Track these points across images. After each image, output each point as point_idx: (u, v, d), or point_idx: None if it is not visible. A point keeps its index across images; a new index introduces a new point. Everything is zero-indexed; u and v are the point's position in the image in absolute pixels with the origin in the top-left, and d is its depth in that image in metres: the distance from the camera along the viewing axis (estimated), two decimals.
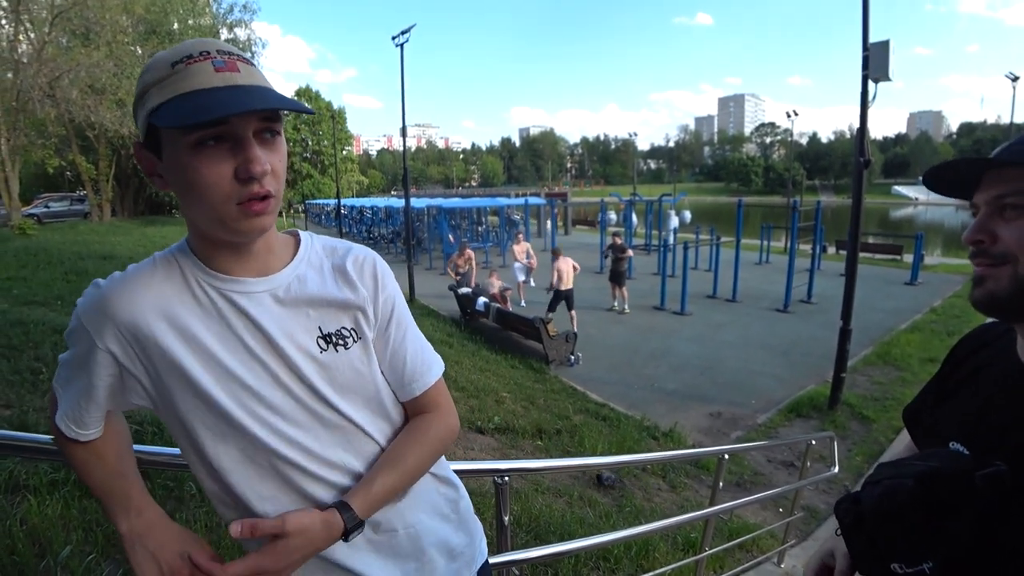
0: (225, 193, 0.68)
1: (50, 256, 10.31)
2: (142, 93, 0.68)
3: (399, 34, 12.29)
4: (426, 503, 0.93)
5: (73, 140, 19.68)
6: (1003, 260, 0.67)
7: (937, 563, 0.65)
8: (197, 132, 0.66)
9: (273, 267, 0.81)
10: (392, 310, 0.88)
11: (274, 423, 0.78)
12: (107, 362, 0.76)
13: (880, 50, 6.81)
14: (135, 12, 19.16)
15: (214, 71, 0.67)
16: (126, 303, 0.74)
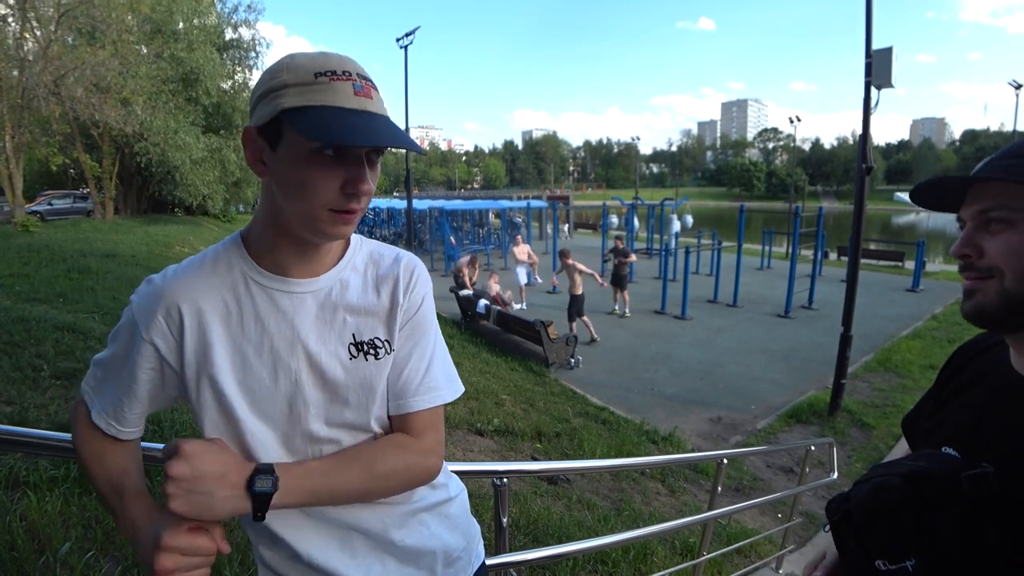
0: (328, 200, 0.73)
1: (53, 253, 10.33)
2: (278, 87, 0.71)
3: (403, 36, 12.35)
4: (419, 507, 0.93)
5: (77, 138, 19.71)
6: (989, 274, 0.68)
7: (920, 561, 0.66)
8: (320, 142, 0.70)
9: (323, 268, 0.84)
10: (413, 317, 0.87)
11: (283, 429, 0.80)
12: (149, 355, 0.79)
13: (883, 57, 6.83)
14: (140, 11, 19.21)
15: (353, 94, 0.72)
16: (174, 294, 0.78)
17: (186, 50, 20.55)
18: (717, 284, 13.25)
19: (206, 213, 25.71)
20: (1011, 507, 0.62)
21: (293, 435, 0.81)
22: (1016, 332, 0.71)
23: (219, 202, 22.94)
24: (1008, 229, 0.67)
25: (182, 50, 20.43)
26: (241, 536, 2.20)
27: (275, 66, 0.74)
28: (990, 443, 0.69)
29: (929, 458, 0.71)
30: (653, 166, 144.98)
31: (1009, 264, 0.66)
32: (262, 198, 0.80)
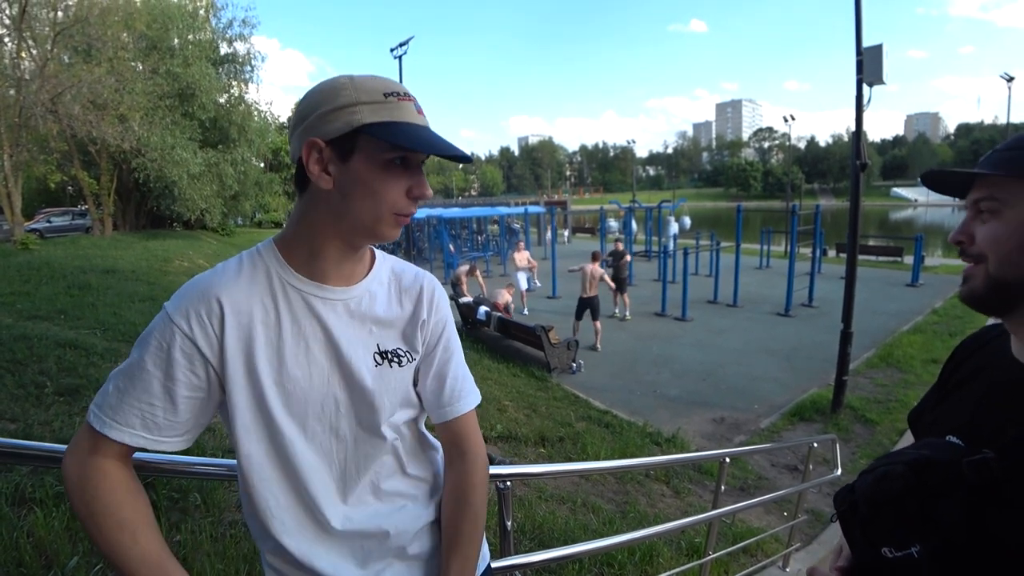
0: (394, 203, 0.82)
1: (53, 271, 10.34)
2: (349, 104, 0.77)
3: (398, 46, 12.42)
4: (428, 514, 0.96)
5: (75, 155, 19.76)
6: (979, 259, 0.73)
7: (925, 547, 0.67)
8: (394, 153, 0.79)
9: (355, 278, 0.90)
10: (442, 333, 0.96)
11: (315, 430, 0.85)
12: (189, 351, 0.79)
13: (874, 54, 6.88)
14: (136, 28, 19.31)
15: (416, 112, 0.82)
16: (216, 291, 0.81)
17: (182, 66, 20.64)
18: (716, 285, 13.27)
19: (204, 227, 25.73)
20: (1011, 495, 0.63)
21: (321, 433, 0.86)
22: (1008, 315, 0.74)
23: (217, 216, 22.96)
24: (993, 218, 0.71)
25: (178, 66, 20.51)
26: (248, 546, 2.20)
27: (333, 86, 0.79)
28: (991, 432, 0.70)
29: (932, 446, 0.73)
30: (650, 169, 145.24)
31: (992, 250, 0.70)
32: (306, 207, 0.84)
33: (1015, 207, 0.69)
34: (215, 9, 24.62)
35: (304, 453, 0.84)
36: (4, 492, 2.35)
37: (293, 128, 0.83)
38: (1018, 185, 0.69)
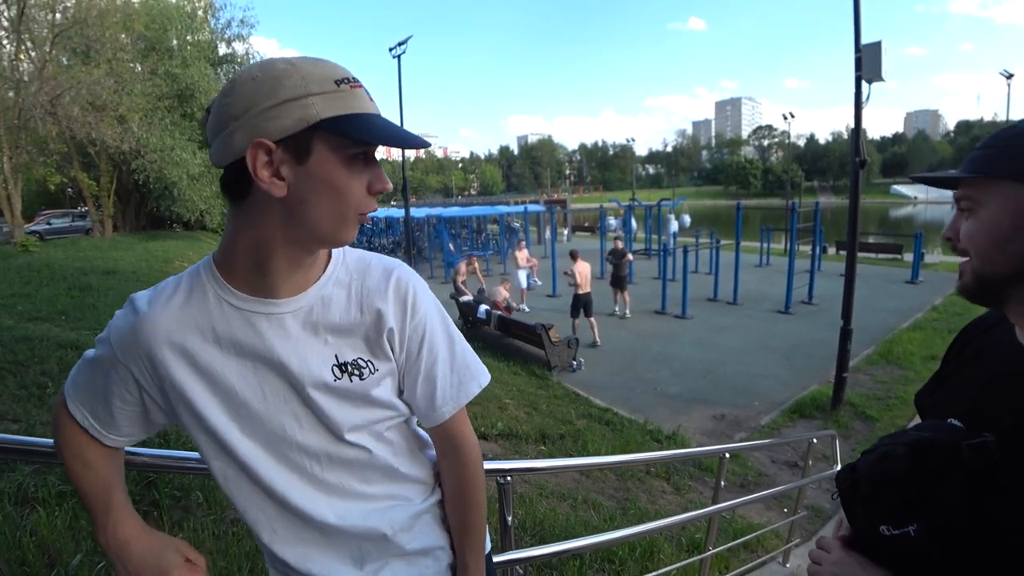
0: (358, 202, 0.74)
1: (53, 272, 10.35)
2: (300, 96, 0.68)
3: (396, 45, 12.42)
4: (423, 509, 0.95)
5: (75, 157, 19.79)
6: (966, 255, 0.75)
7: (922, 526, 0.68)
8: (356, 148, 0.72)
9: (306, 284, 0.81)
10: (423, 337, 0.86)
11: (279, 449, 0.81)
12: (130, 381, 0.80)
13: (872, 51, 6.88)
14: (134, 29, 19.31)
15: (368, 99, 0.74)
16: (145, 333, 0.76)
17: (180, 67, 20.66)
18: (716, 282, 13.28)
19: (204, 228, 25.75)
20: (1009, 480, 0.65)
21: (289, 450, 0.82)
22: (1004, 305, 0.76)
23: (217, 216, 22.97)
24: (970, 216, 0.74)
25: (177, 67, 20.53)
26: (250, 544, 2.21)
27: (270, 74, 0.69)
28: (992, 416, 0.71)
29: (933, 428, 0.75)
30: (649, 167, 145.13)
31: (971, 246, 0.73)
32: (248, 218, 0.74)
33: (986, 205, 0.71)
34: (213, 9, 24.65)
35: (275, 470, 0.81)
36: (7, 492, 2.36)
37: (218, 128, 0.70)
38: (987, 184, 0.71)
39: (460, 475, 0.94)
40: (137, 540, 0.82)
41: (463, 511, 0.95)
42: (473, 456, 0.95)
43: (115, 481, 0.86)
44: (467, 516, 0.95)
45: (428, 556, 0.94)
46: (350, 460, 0.85)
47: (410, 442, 0.94)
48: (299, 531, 0.84)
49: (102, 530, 0.82)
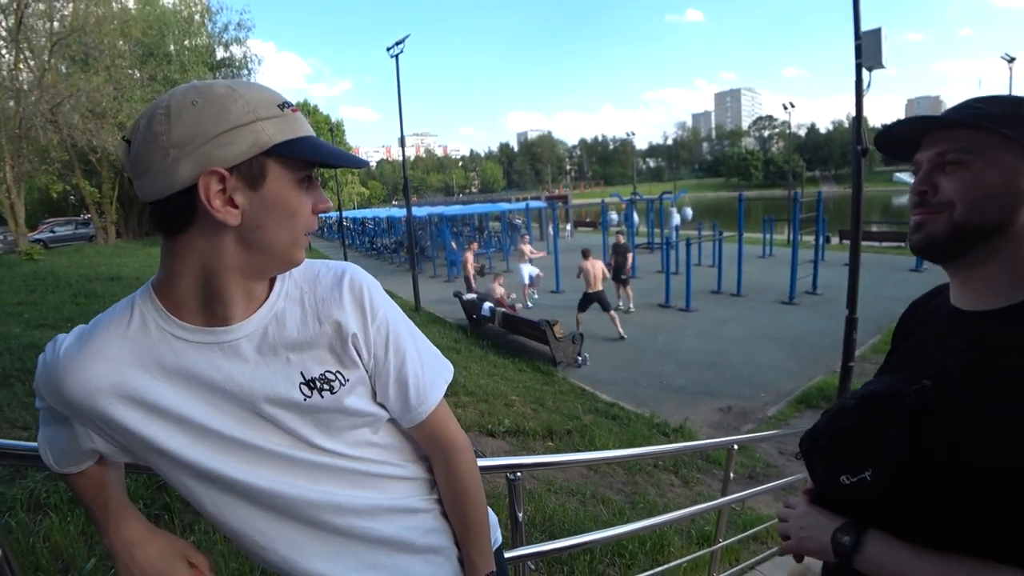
0: (307, 224, 0.75)
1: (58, 280, 10.41)
2: (248, 122, 0.67)
3: (393, 45, 12.39)
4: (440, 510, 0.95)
5: (76, 164, 19.90)
6: (941, 208, 0.78)
7: (876, 470, 0.75)
8: (304, 171, 0.73)
9: (256, 304, 0.78)
10: (387, 337, 0.83)
11: (265, 470, 0.78)
12: (82, 431, 0.77)
13: (872, 38, 6.84)
14: (132, 35, 19.41)
15: (306, 121, 0.74)
16: (79, 385, 0.71)
17: (179, 71, 20.73)
18: (720, 275, 13.25)
19: None
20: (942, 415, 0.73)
21: (274, 472, 0.79)
22: (957, 260, 0.81)
23: None
24: (961, 168, 0.76)
25: (175, 72, 20.60)
26: None
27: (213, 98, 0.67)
28: (929, 366, 0.80)
29: (879, 382, 0.83)
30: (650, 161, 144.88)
31: (962, 198, 0.76)
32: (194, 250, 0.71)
33: (983, 160, 0.75)
34: (210, 14, 24.73)
35: (269, 483, 0.78)
36: (20, 498, 2.38)
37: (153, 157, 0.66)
38: (983, 138, 0.75)
39: (452, 473, 0.92)
40: (141, 541, 0.81)
41: (462, 509, 0.94)
42: (462, 452, 0.93)
43: (111, 483, 0.85)
44: (466, 513, 0.94)
45: (439, 553, 0.93)
46: (344, 469, 0.83)
47: (403, 441, 0.93)
48: (307, 540, 0.82)
49: (105, 533, 0.81)
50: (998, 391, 0.69)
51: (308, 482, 0.80)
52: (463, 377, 6.64)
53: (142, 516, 0.85)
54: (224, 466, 0.75)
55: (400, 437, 0.93)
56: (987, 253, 0.77)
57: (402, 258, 21.23)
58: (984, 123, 0.74)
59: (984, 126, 0.74)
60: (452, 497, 0.93)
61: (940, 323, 0.86)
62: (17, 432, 3.19)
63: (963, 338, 0.79)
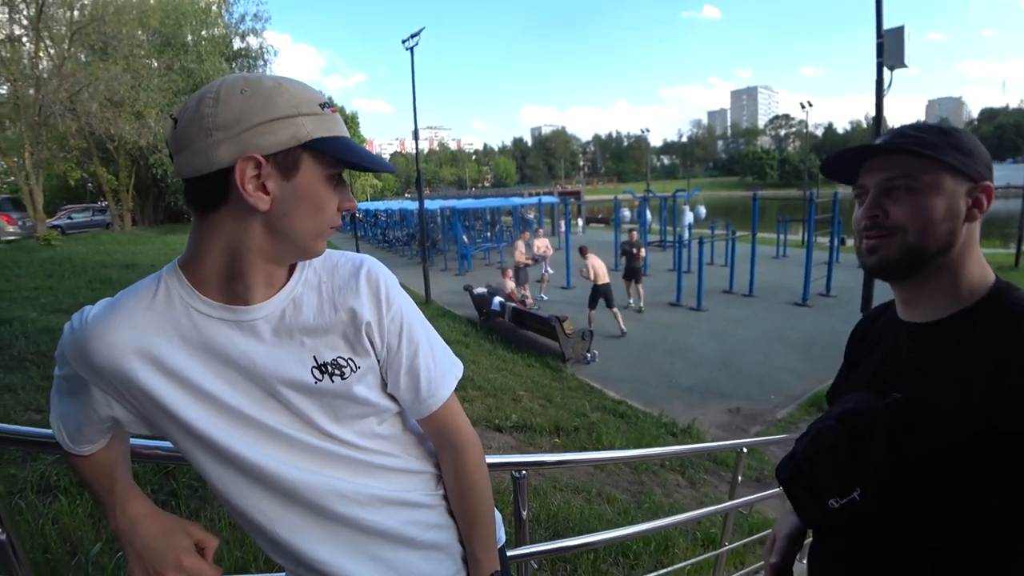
0: (331, 219, 0.78)
1: (74, 266, 10.55)
2: (292, 115, 0.71)
3: (408, 37, 12.36)
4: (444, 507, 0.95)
5: (94, 152, 20.14)
6: (894, 231, 0.82)
7: (864, 488, 0.76)
8: (335, 168, 0.76)
9: (274, 288, 0.80)
10: (401, 328, 0.85)
11: (273, 450, 0.79)
12: (101, 398, 0.78)
13: (895, 36, 6.72)
14: (150, 25, 19.56)
15: (343, 124, 0.78)
16: (103, 349, 0.73)
17: (196, 61, 20.88)
18: (732, 274, 13.13)
19: None
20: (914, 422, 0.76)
21: (287, 449, 0.80)
22: (909, 279, 0.85)
23: None
24: (910, 194, 0.81)
25: (192, 62, 20.75)
26: None
27: (260, 90, 0.70)
28: (893, 380, 0.83)
29: (853, 400, 0.85)
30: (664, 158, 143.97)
31: (912, 223, 0.80)
32: (224, 229, 0.74)
33: (930, 186, 0.80)
34: (227, 4, 24.85)
35: (276, 465, 0.79)
36: (30, 480, 2.41)
37: (196, 137, 0.69)
38: (924, 164, 0.80)
39: (460, 468, 0.92)
40: (146, 520, 0.82)
41: (468, 505, 0.94)
42: (471, 447, 0.93)
43: (118, 466, 0.87)
44: (472, 510, 0.94)
45: (441, 550, 0.93)
46: (349, 457, 0.84)
47: (409, 435, 0.93)
48: (307, 524, 0.82)
49: (111, 515, 0.83)
50: (954, 392, 0.74)
51: (313, 467, 0.81)
52: (472, 371, 6.64)
53: (148, 498, 0.86)
54: (233, 441, 0.77)
55: (407, 431, 0.93)
56: (934, 271, 0.82)
57: (413, 251, 21.29)
58: (926, 151, 0.79)
59: (927, 153, 0.79)
60: (459, 493, 0.93)
61: (893, 339, 0.90)
62: (31, 415, 3.23)
63: (917, 350, 0.84)
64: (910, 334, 0.87)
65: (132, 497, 0.84)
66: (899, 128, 0.87)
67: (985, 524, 0.71)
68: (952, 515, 0.74)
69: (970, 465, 0.71)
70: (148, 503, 0.85)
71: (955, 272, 0.82)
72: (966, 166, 0.80)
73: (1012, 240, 17.32)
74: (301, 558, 0.83)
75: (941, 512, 0.75)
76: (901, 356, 0.86)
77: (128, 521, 0.81)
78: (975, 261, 0.83)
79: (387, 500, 0.86)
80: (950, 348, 0.79)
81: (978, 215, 0.83)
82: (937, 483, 0.74)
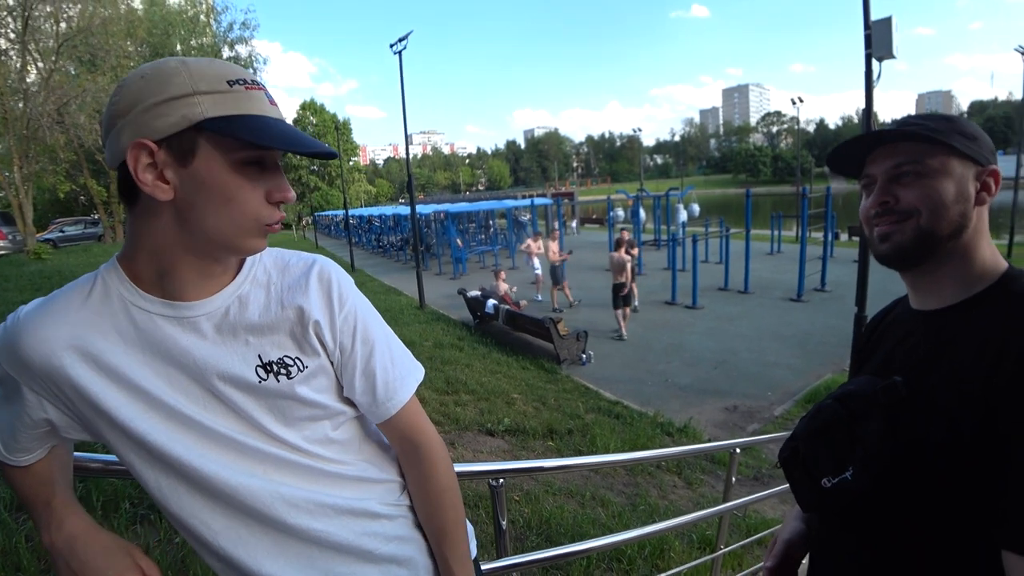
0: (257, 213, 0.70)
1: (64, 278, 10.46)
2: (186, 94, 0.65)
3: (396, 41, 12.32)
4: (409, 519, 0.89)
5: (84, 164, 20.06)
6: (907, 216, 0.82)
7: (856, 468, 0.79)
8: (247, 152, 0.68)
9: (218, 286, 0.77)
10: (355, 329, 0.81)
11: (214, 453, 0.74)
12: (34, 399, 0.73)
13: (882, 27, 6.71)
14: (138, 36, 19.54)
15: (268, 103, 0.70)
16: (35, 345, 0.69)
17: None
18: (727, 271, 13.11)
19: None
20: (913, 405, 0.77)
21: (230, 453, 0.75)
22: (922, 265, 0.84)
23: None
24: (919, 179, 0.81)
25: None
26: None
27: (160, 72, 0.65)
28: (900, 365, 0.85)
29: (855, 382, 0.88)
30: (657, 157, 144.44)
31: (925, 205, 0.80)
32: (143, 222, 0.70)
33: (940, 170, 0.80)
34: (215, 13, 24.83)
35: (218, 469, 0.74)
36: (3, 497, 2.36)
37: (108, 127, 0.66)
38: (931, 149, 0.81)
39: (426, 474, 0.87)
40: (84, 537, 0.77)
41: (437, 513, 0.88)
42: (436, 451, 0.88)
43: (57, 479, 0.82)
44: (442, 518, 0.88)
45: (402, 564, 0.86)
46: (297, 463, 0.78)
47: (369, 442, 0.88)
48: (253, 535, 0.76)
49: (45, 529, 0.77)
50: (962, 375, 0.74)
51: (258, 472, 0.76)
52: (465, 375, 6.57)
53: (87, 514, 0.80)
54: (172, 443, 0.72)
55: (367, 438, 0.88)
56: (945, 256, 0.82)
57: (408, 256, 21.22)
58: (934, 136, 0.80)
59: (935, 139, 0.80)
60: (427, 500, 0.88)
61: (903, 327, 0.91)
62: None
63: (924, 335, 0.84)
64: (916, 322, 0.88)
65: (70, 512, 0.79)
66: (903, 118, 0.88)
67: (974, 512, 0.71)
68: (942, 500, 0.74)
69: (962, 453, 0.71)
70: (87, 519, 0.80)
71: (966, 257, 0.82)
72: (972, 150, 0.81)
73: (1004, 231, 17.37)
74: (246, 572, 0.76)
75: (932, 496, 0.75)
76: (910, 343, 0.87)
77: (64, 537, 0.76)
78: (986, 247, 0.83)
79: (340, 509, 0.80)
80: (957, 334, 0.79)
81: (987, 199, 0.83)
82: (929, 467, 0.74)
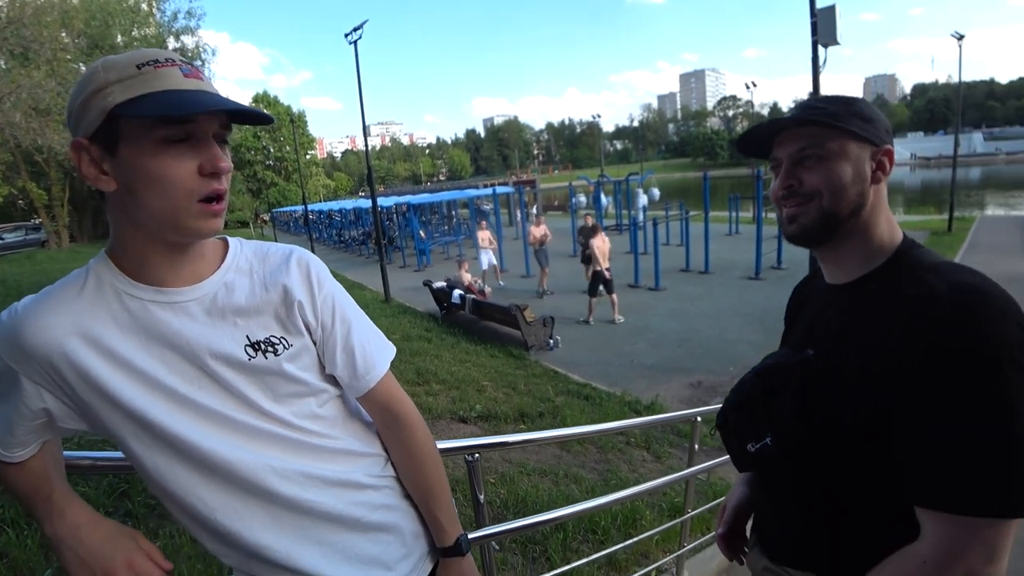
0: (189, 188, 0.71)
1: (8, 289, 10.00)
2: (100, 88, 0.68)
3: (351, 31, 12.10)
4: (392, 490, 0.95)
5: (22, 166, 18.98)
6: (810, 198, 0.88)
7: (774, 435, 0.88)
8: (165, 128, 0.69)
9: (203, 274, 0.81)
10: (333, 308, 0.88)
11: (210, 430, 0.78)
12: (32, 389, 0.75)
13: (827, 15, 6.99)
14: (74, 27, 18.50)
15: (183, 76, 0.71)
16: (37, 333, 0.72)
17: None
18: (688, 253, 13.45)
19: None
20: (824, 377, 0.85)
21: (224, 429, 0.79)
22: (827, 243, 0.91)
23: None
24: (820, 162, 0.87)
25: None
26: None
27: (85, 74, 0.71)
28: (817, 340, 0.91)
29: (774, 356, 0.97)
30: (617, 143, 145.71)
31: (827, 187, 0.86)
32: (110, 214, 0.76)
33: (839, 153, 0.86)
34: (158, 2, 23.72)
35: (214, 443, 0.78)
36: None
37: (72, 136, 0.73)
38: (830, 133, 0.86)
39: (408, 440, 0.94)
40: (89, 525, 0.81)
41: (421, 475, 0.95)
42: (413, 419, 0.96)
43: (53, 473, 0.85)
44: (426, 479, 0.95)
45: (389, 531, 0.93)
46: (287, 438, 0.84)
47: (353, 419, 0.94)
48: (248, 509, 0.81)
49: (48, 520, 0.81)
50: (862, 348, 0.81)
51: (251, 446, 0.81)
52: (435, 366, 6.61)
53: (87, 504, 0.84)
54: (173, 421, 0.76)
55: (351, 415, 0.94)
56: (846, 233, 0.89)
57: (371, 250, 20.96)
58: (831, 121, 0.85)
59: (833, 124, 0.85)
60: (411, 464, 0.95)
61: (819, 300, 0.99)
62: None
63: (835, 308, 0.91)
64: (829, 295, 0.95)
65: (71, 503, 0.83)
66: (805, 101, 0.94)
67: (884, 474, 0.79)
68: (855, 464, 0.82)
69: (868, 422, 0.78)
70: (89, 509, 0.83)
71: (866, 234, 0.89)
72: (868, 132, 0.87)
73: (946, 207, 18.29)
74: (244, 545, 0.81)
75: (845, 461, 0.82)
76: (824, 317, 0.93)
77: (68, 527, 0.80)
78: (884, 222, 0.89)
79: (329, 481, 0.86)
80: (860, 308, 0.86)
81: (882, 177, 0.88)
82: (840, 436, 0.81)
